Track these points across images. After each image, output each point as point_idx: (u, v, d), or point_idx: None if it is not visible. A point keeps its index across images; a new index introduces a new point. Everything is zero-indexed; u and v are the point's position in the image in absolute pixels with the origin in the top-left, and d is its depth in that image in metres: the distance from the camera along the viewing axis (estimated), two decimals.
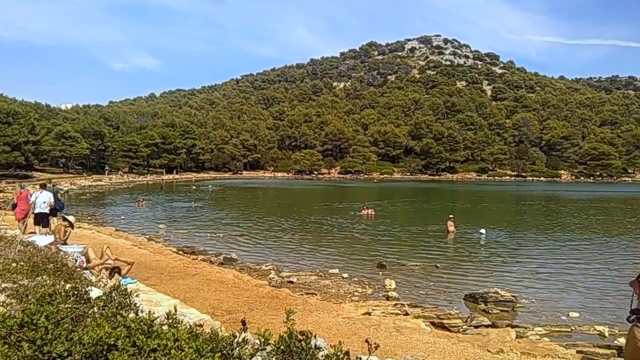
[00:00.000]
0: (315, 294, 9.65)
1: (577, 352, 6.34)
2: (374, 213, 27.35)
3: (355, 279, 11.69)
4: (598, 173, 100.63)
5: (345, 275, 12.01)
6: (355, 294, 10.20)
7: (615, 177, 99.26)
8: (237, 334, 2.26)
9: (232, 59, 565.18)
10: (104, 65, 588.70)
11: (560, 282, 11.75)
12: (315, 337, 2.20)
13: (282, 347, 2.15)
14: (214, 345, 2.14)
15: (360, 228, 21.96)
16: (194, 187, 54.05)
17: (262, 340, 2.15)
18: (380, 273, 12.44)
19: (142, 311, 3.31)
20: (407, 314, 8.36)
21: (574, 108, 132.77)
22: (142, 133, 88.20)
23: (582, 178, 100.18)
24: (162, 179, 71.44)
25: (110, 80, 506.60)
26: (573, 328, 8.10)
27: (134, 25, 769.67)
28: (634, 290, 4.19)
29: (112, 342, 2.18)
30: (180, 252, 13.87)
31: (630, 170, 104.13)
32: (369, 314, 8.11)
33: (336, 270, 12.41)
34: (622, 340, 7.22)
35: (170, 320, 2.53)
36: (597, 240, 19.10)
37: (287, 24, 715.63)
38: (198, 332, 2.35)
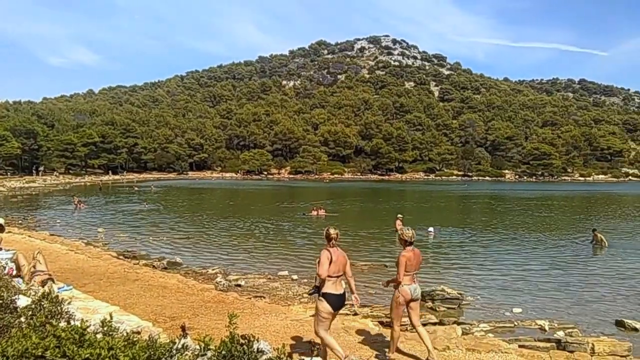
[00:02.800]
0: (264, 297, 9.54)
1: (520, 346, 6.64)
2: (324, 213, 27.44)
3: (305, 280, 11.66)
4: (540, 172, 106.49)
5: (295, 277, 11.96)
6: (305, 295, 10.18)
7: (555, 177, 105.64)
8: (177, 340, 2.18)
9: (177, 55, 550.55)
10: (38, 59, 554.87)
11: (505, 279, 12.18)
12: (258, 340, 2.16)
13: (223, 352, 2.09)
14: (152, 353, 2.05)
15: (311, 229, 21.99)
16: (136, 188, 52.07)
17: (203, 345, 2.08)
18: None
19: (75, 319, 3.13)
20: (356, 314, 8.44)
21: (517, 109, 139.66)
22: (79, 131, 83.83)
23: (525, 177, 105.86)
24: (101, 180, 68.24)
25: (45, 76, 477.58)
26: (516, 323, 8.45)
27: (71, 18, 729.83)
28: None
29: (40, 354, 2.04)
30: (121, 257, 13.28)
31: (569, 170, 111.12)
32: None
33: (285, 272, 12.34)
34: (560, 334, 7.63)
35: (106, 328, 2.40)
36: (539, 237, 19.99)
37: (235, 20, 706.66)
38: (135, 339, 2.24)
